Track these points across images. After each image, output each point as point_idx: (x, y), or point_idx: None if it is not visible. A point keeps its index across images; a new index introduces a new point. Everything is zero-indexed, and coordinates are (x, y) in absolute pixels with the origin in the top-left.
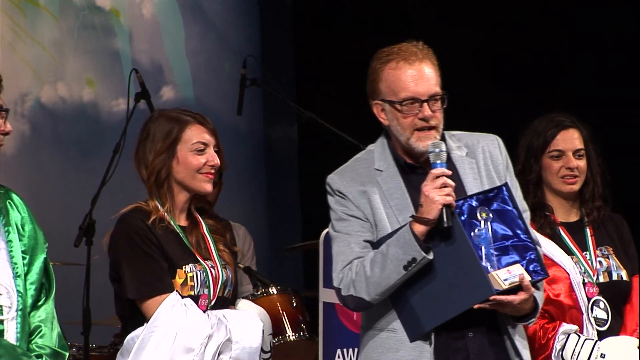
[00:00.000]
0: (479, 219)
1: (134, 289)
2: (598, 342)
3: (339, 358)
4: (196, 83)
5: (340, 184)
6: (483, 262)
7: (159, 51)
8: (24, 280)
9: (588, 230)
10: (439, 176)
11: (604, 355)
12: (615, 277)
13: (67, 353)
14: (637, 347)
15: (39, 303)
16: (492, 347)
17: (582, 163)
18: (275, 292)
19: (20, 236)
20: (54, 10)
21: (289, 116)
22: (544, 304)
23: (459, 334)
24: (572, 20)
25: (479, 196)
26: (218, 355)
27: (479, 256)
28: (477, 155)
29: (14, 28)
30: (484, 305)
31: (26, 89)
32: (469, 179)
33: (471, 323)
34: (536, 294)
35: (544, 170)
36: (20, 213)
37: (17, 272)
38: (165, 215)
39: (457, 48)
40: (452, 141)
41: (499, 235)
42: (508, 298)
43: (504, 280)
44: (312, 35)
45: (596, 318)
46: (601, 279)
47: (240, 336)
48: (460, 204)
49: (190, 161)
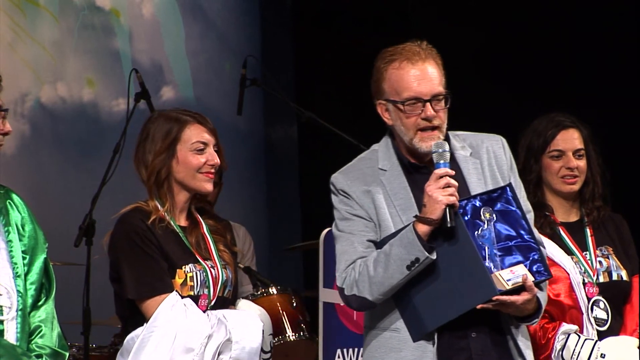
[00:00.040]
0: (483, 219)
1: (134, 289)
2: (598, 342)
3: (339, 358)
4: (196, 83)
5: (344, 184)
6: (486, 263)
7: (159, 51)
8: (24, 280)
9: (588, 230)
10: (442, 176)
11: (604, 355)
12: (615, 277)
13: (67, 353)
14: (637, 347)
15: (39, 303)
16: (495, 347)
17: (582, 163)
18: (275, 292)
19: (20, 236)
20: (54, 10)
21: (289, 116)
22: None
23: (462, 334)
24: (572, 20)
25: (483, 196)
26: (218, 355)
27: (482, 256)
28: (482, 155)
29: (14, 28)
30: (487, 305)
31: (26, 89)
32: (473, 179)
33: (474, 323)
34: (539, 295)
35: (544, 170)
36: (20, 213)
37: (17, 272)
38: (165, 215)
39: (457, 48)
40: (457, 141)
41: (503, 235)
42: (511, 298)
43: (507, 280)
44: (312, 35)
45: (596, 318)
46: (601, 279)
47: (240, 336)
48: (463, 204)
49: (190, 161)
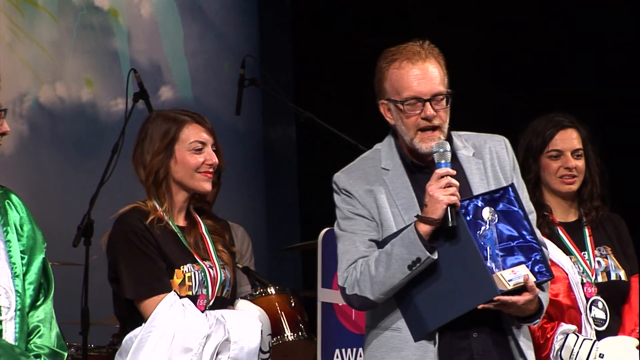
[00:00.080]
0: (485, 220)
1: (132, 289)
2: (596, 342)
3: (338, 358)
4: (195, 83)
5: (346, 183)
6: (488, 263)
7: (158, 51)
8: (23, 280)
9: (586, 230)
10: (444, 176)
11: (603, 355)
12: (613, 277)
13: (66, 353)
14: (636, 347)
15: (38, 303)
16: (496, 348)
17: (581, 163)
18: (273, 292)
19: (19, 236)
20: (53, 10)
21: (288, 116)
22: None
23: (463, 334)
24: (572, 20)
25: (485, 196)
26: (216, 355)
27: (484, 256)
28: (484, 155)
29: (13, 28)
30: (489, 305)
31: (25, 89)
32: (476, 179)
33: (475, 323)
34: (541, 295)
35: (543, 170)
36: (19, 213)
37: (16, 272)
38: (163, 215)
39: (457, 48)
40: (459, 141)
41: (505, 235)
42: (512, 299)
43: (509, 280)
44: (311, 35)
45: (595, 318)
46: (600, 279)
47: (238, 336)
48: (465, 204)
49: (188, 160)
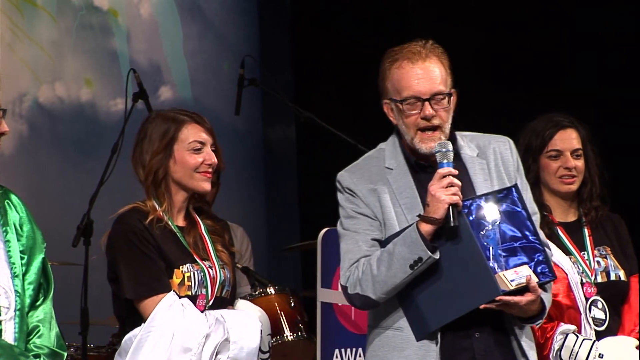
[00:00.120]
0: (488, 220)
1: (132, 289)
2: (596, 342)
3: (337, 358)
4: (194, 83)
5: (350, 182)
6: (491, 263)
7: (157, 51)
8: (22, 280)
9: (586, 230)
10: (446, 175)
11: (602, 355)
12: (613, 277)
13: (66, 353)
14: (635, 347)
15: (37, 303)
16: (498, 348)
17: (580, 163)
18: (273, 292)
19: (18, 236)
20: (52, 10)
21: (287, 116)
22: None
23: (465, 334)
24: (572, 20)
25: (488, 196)
26: (216, 355)
27: (487, 257)
28: (488, 156)
29: (12, 28)
30: (491, 305)
31: (24, 89)
32: (479, 180)
33: (478, 323)
34: (543, 296)
35: (542, 170)
36: (18, 213)
37: (15, 272)
38: (162, 215)
39: (457, 48)
40: (463, 141)
41: (508, 236)
42: (514, 299)
43: (511, 281)
44: (311, 35)
45: (594, 318)
46: (599, 279)
47: (238, 336)
48: (468, 204)
49: (187, 160)
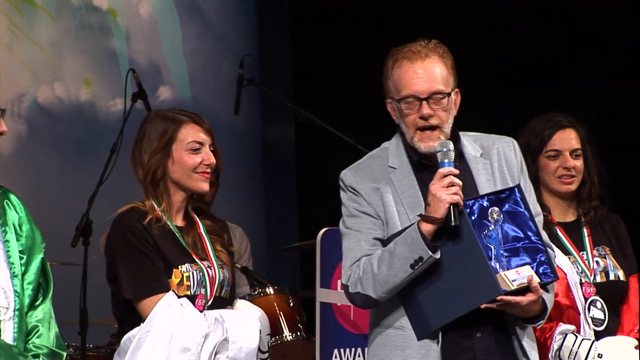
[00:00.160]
0: (490, 220)
1: (130, 289)
2: (595, 342)
3: (336, 358)
4: (193, 83)
5: (353, 180)
6: (492, 263)
7: (157, 51)
8: (22, 280)
9: (585, 230)
10: (446, 175)
11: (601, 355)
12: (612, 277)
13: (65, 353)
14: (635, 347)
15: (37, 303)
16: (500, 348)
17: (579, 163)
18: (272, 292)
19: (17, 236)
20: (51, 10)
21: (287, 116)
22: None
23: (467, 334)
24: (572, 20)
25: (491, 197)
26: (215, 355)
27: (489, 257)
28: (492, 156)
29: (11, 28)
30: (492, 305)
31: (23, 89)
32: (482, 180)
33: (479, 323)
34: (545, 296)
35: (541, 170)
36: (17, 213)
37: (14, 272)
38: (161, 215)
39: (457, 48)
40: (467, 141)
41: (510, 236)
42: (515, 299)
43: (512, 281)
44: (310, 35)
45: (593, 318)
46: (598, 279)
47: (237, 336)
48: (470, 204)
49: (185, 160)
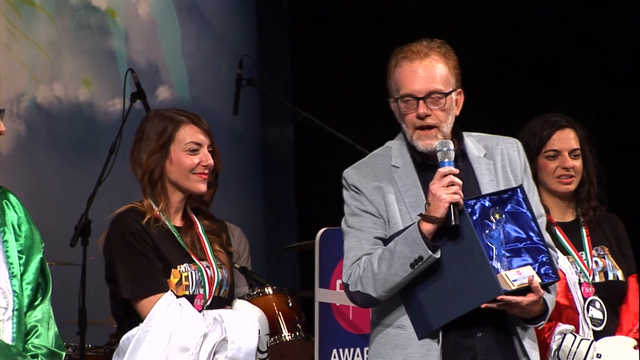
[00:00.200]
0: (492, 220)
1: (129, 289)
2: (594, 342)
3: (335, 358)
4: (192, 83)
5: (355, 179)
6: (494, 263)
7: (155, 51)
8: (20, 280)
9: (584, 230)
10: (446, 174)
11: (600, 355)
12: (611, 277)
13: (64, 353)
14: (634, 347)
15: (36, 303)
16: (500, 348)
17: (578, 163)
18: (271, 292)
19: (16, 236)
20: (50, 10)
21: (286, 116)
22: None
23: (467, 334)
24: (572, 20)
25: (493, 197)
26: (214, 355)
27: (490, 257)
28: (495, 157)
29: (10, 28)
30: (492, 305)
31: (22, 89)
32: (485, 180)
33: (480, 323)
34: (546, 297)
35: (540, 170)
36: (16, 213)
37: (13, 272)
38: (160, 215)
39: (457, 48)
40: (471, 141)
41: (512, 237)
42: (516, 299)
43: (513, 281)
44: (309, 35)
45: (592, 318)
46: (597, 279)
47: (236, 336)
48: (472, 204)
49: (183, 161)
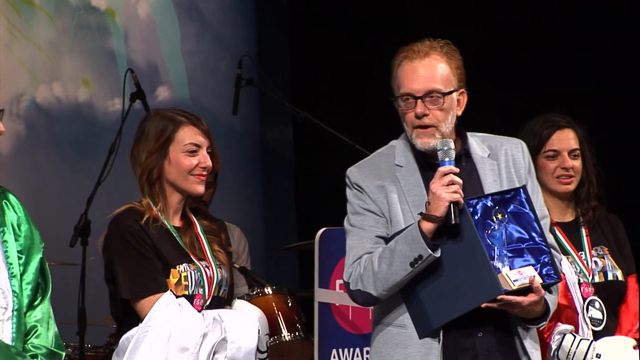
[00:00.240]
0: (494, 220)
1: (128, 289)
2: (593, 342)
3: (334, 358)
4: (192, 83)
5: (358, 178)
6: (495, 263)
7: (155, 51)
8: (20, 280)
9: (583, 230)
10: (447, 173)
11: (600, 355)
12: (610, 277)
13: (64, 353)
14: (633, 347)
15: (35, 303)
16: (501, 348)
17: (578, 163)
18: (270, 292)
19: (16, 236)
20: (50, 10)
21: (285, 116)
22: None
23: (468, 333)
24: (572, 20)
25: (495, 197)
26: (213, 354)
27: (491, 256)
28: (500, 157)
29: (10, 28)
30: (492, 304)
31: (22, 89)
32: (489, 180)
33: (481, 322)
34: (548, 298)
35: (540, 170)
36: (16, 213)
37: (13, 273)
38: (158, 214)
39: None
40: (475, 141)
41: (515, 237)
42: (516, 299)
43: (514, 281)
44: (309, 35)
45: (592, 318)
46: (597, 279)
47: (235, 336)
48: (473, 203)
49: (182, 162)
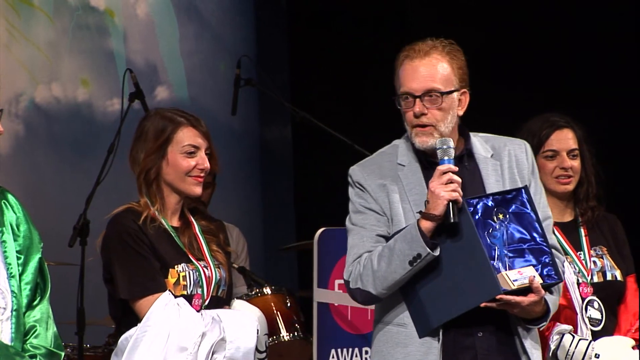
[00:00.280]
0: (495, 220)
1: (126, 289)
2: (592, 342)
3: (333, 358)
4: (191, 83)
5: (360, 176)
6: (495, 263)
7: (154, 51)
8: (19, 280)
9: (582, 230)
10: (446, 172)
11: (598, 355)
12: (609, 277)
13: (63, 353)
14: (632, 347)
15: (34, 303)
16: (501, 347)
17: (576, 163)
18: (269, 292)
19: (15, 236)
20: (49, 10)
21: (284, 116)
22: None
23: (468, 332)
24: (572, 20)
25: (496, 197)
26: (212, 354)
27: (492, 256)
28: (503, 157)
29: (9, 28)
30: (492, 304)
31: (21, 89)
32: (491, 180)
33: (481, 322)
34: (548, 298)
35: (538, 170)
36: (15, 213)
37: (12, 273)
38: (156, 214)
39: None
40: (478, 142)
41: (516, 237)
42: (516, 299)
43: (514, 280)
44: (308, 35)
45: (590, 318)
46: (595, 279)
47: (234, 336)
48: (474, 203)
49: (180, 163)
